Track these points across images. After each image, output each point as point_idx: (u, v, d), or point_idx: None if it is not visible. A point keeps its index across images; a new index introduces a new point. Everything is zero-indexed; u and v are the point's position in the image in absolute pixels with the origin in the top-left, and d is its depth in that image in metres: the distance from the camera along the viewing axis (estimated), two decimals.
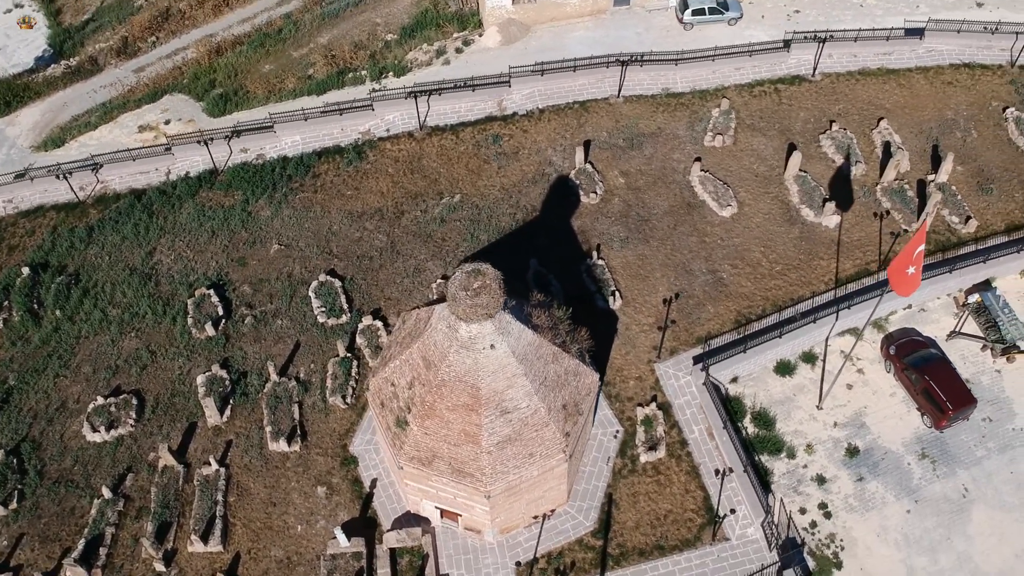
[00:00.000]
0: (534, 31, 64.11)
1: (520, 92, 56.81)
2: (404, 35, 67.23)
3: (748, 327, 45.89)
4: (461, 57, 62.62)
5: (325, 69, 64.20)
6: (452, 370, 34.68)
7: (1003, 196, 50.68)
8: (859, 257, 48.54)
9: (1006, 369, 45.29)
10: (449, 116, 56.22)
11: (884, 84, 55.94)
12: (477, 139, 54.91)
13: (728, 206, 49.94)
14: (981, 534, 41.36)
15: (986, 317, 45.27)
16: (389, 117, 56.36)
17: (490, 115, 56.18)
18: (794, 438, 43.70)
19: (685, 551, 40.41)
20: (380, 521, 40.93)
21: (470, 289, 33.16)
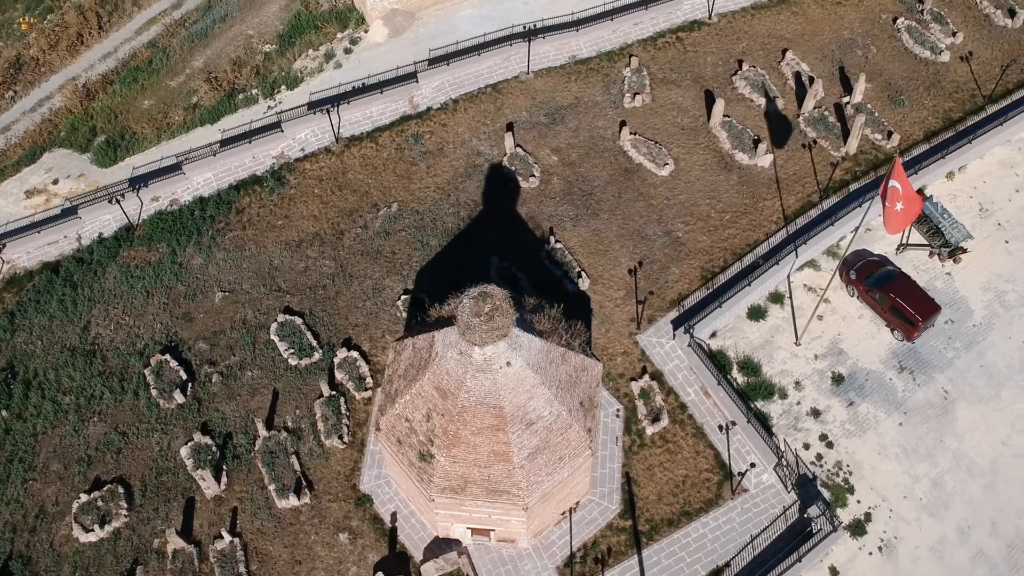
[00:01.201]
0: (420, 18, 62.68)
1: (429, 85, 55.57)
2: (283, 43, 64.68)
3: (715, 281, 46.79)
4: (352, 57, 60.71)
5: (211, 94, 61.20)
6: (472, 395, 34.17)
7: (914, 105, 52.98)
8: (800, 191, 50.03)
9: (955, 270, 47.83)
10: (362, 123, 54.57)
11: (779, 15, 57.28)
12: (397, 142, 53.57)
13: (665, 165, 50.48)
14: (968, 430, 43.92)
15: (928, 225, 47.51)
16: (301, 135, 54.28)
17: (404, 114, 54.83)
18: (782, 378, 45.09)
19: (711, 511, 41.41)
20: (411, 553, 40.32)
21: (482, 315, 32.58)
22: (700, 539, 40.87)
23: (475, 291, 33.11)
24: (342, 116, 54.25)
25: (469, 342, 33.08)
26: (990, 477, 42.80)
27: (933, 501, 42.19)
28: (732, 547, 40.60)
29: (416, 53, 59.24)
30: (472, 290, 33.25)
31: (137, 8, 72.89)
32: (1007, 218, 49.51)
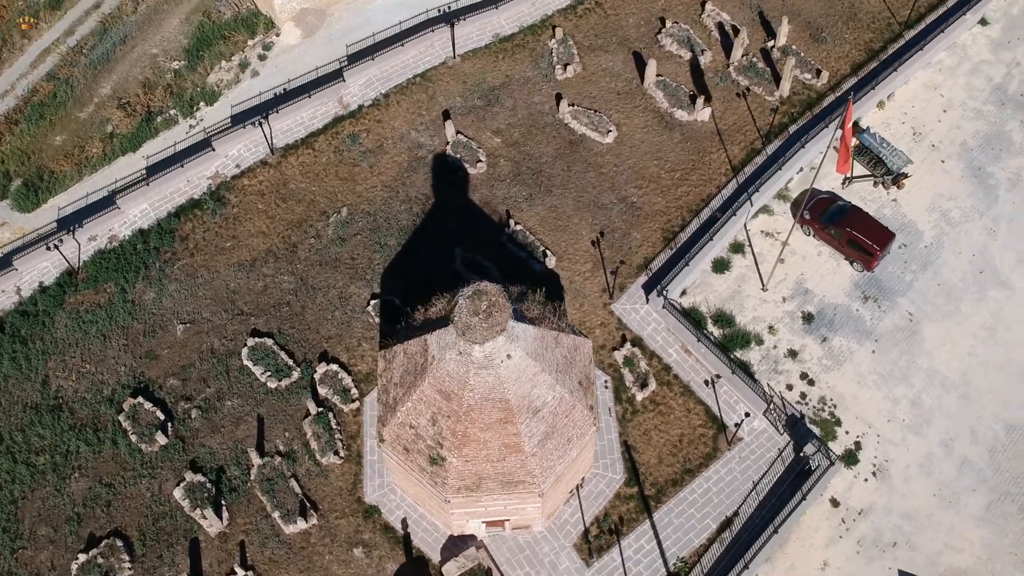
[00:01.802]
0: (331, 14, 61.35)
1: (357, 83, 54.58)
2: (191, 58, 62.56)
3: (677, 240, 47.49)
4: (268, 63, 59.16)
5: (127, 121, 58.95)
6: (476, 393, 34.13)
7: (836, 41, 54.33)
8: (742, 140, 50.99)
9: (900, 196, 49.54)
10: (295, 130, 53.35)
11: None
12: (334, 144, 52.58)
13: (609, 132, 50.78)
14: (936, 347, 45.82)
15: (868, 156, 49.00)
16: (233, 151, 52.80)
17: (337, 115, 53.77)
18: (755, 325, 46.19)
19: (711, 465, 42.42)
20: (428, 556, 40.27)
21: (480, 313, 32.47)
22: (705, 493, 41.81)
23: (469, 291, 32.95)
24: (273, 126, 52.90)
25: (469, 341, 32.93)
26: (963, 388, 44.76)
27: (915, 420, 43.95)
28: (737, 496, 41.68)
29: (333, 51, 58.04)
30: (465, 290, 33.07)
31: (27, 40, 69.46)
32: (939, 139, 51.35)
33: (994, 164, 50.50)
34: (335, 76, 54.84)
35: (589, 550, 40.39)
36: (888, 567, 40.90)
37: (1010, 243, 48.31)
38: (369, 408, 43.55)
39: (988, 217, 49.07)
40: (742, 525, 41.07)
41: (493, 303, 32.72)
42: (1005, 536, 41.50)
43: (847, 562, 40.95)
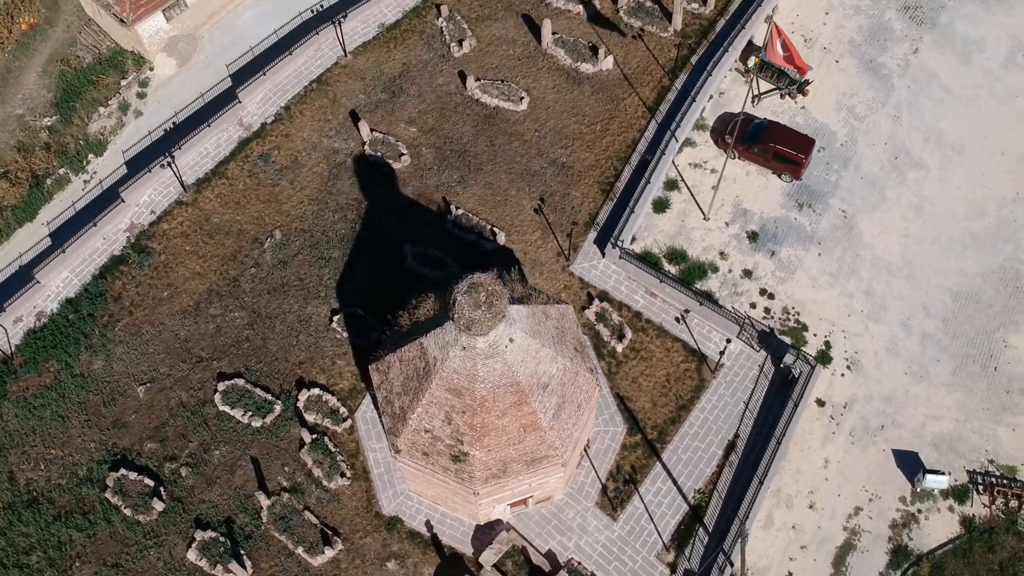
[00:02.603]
0: (202, 36, 59.22)
1: (253, 101, 53.10)
2: (63, 111, 59.46)
3: (615, 190, 48.42)
4: (149, 100, 56.85)
5: (13, 191, 55.77)
6: (487, 383, 34.38)
7: None
8: (650, 79, 52.16)
9: (807, 103, 51.73)
10: (203, 163, 51.66)
11: None
12: (247, 168, 51.16)
13: (521, 99, 51.09)
14: (873, 237, 48.43)
15: (771, 70, 50.85)
16: (144, 198, 50.80)
17: (241, 139, 52.24)
18: (707, 255, 47.75)
19: (701, 395, 44.00)
20: (461, 551, 40.51)
21: (481, 305, 32.58)
22: (704, 424, 43.35)
23: (463, 286, 32.95)
24: (178, 162, 50.95)
25: (474, 335, 33.04)
26: (906, 270, 47.53)
27: (872, 309, 46.49)
28: (733, 419, 43.38)
29: (214, 74, 56.11)
30: (460, 286, 33.05)
31: None
32: (828, 41, 53.67)
33: (883, 55, 53.18)
34: (229, 99, 53.10)
35: (612, 505, 41.40)
36: (882, 449, 43.40)
37: (914, 124, 51.18)
38: (362, 423, 43.19)
39: (890, 106, 51.76)
40: (745, 444, 42.70)
41: (491, 292, 32.85)
42: (975, 395, 44.56)
43: (845, 455, 43.24)
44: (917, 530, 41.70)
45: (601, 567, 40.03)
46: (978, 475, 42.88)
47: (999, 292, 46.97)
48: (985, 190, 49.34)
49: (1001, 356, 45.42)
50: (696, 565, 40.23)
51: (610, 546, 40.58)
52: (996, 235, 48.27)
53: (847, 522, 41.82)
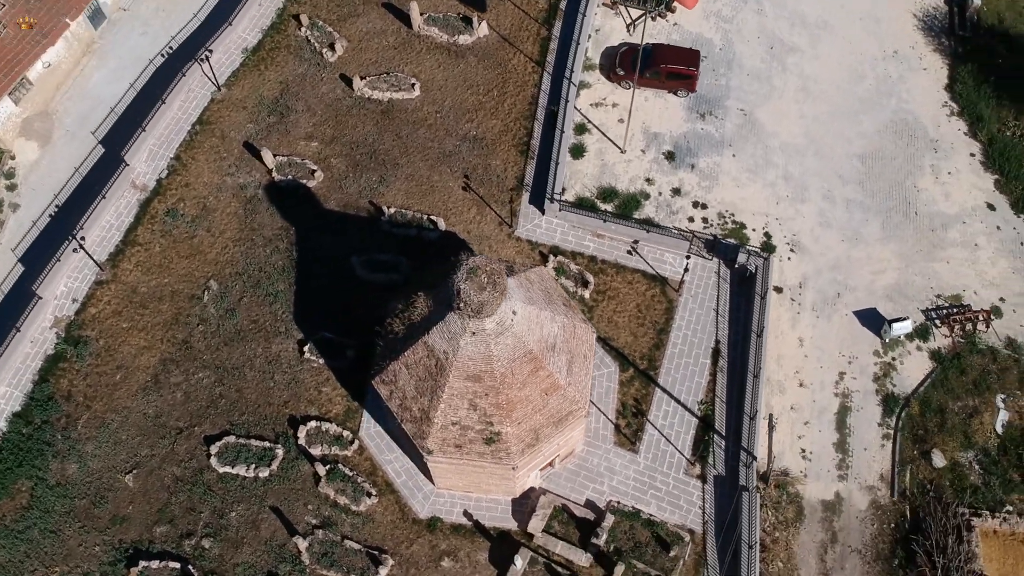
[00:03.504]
0: (56, 110, 56.34)
1: (140, 160, 51.20)
2: None
3: (532, 149, 49.39)
4: (22, 190, 53.83)
5: None
6: (503, 360, 35.05)
7: None
8: (527, 35, 53.26)
9: (677, 18, 53.90)
10: (110, 236, 49.57)
11: None
12: (158, 229, 49.44)
13: (412, 86, 51.16)
14: (775, 126, 51.35)
15: None
16: (61, 289, 48.45)
17: (141, 200, 50.35)
18: (634, 185, 49.51)
19: (675, 315, 45.91)
20: (506, 528, 41.28)
21: (486, 286, 33.04)
22: (685, 340, 45.33)
23: (462, 274, 33.24)
24: (84, 243, 48.68)
25: (484, 317, 33.56)
26: (813, 147, 50.68)
27: (795, 191, 49.41)
28: (710, 327, 45.52)
29: (81, 145, 53.48)
30: (458, 275, 33.30)
31: None
32: None
33: None
34: (113, 164, 50.88)
35: (629, 440, 42.94)
36: (844, 315, 46.50)
37: (778, 13, 54.19)
38: (369, 440, 43.12)
39: (751, 1, 54.43)
40: (728, 347, 44.93)
41: (490, 272, 33.34)
42: (906, 242, 48.21)
43: (814, 330, 46.11)
44: (897, 376, 45.02)
45: (639, 499, 41.56)
46: (932, 311, 46.54)
47: (897, 144, 50.66)
48: (857, 56, 52.83)
49: (917, 201, 49.19)
50: (722, 469, 42.26)
51: (640, 478, 42.14)
52: (879, 93, 51.89)
53: (836, 388, 44.71)
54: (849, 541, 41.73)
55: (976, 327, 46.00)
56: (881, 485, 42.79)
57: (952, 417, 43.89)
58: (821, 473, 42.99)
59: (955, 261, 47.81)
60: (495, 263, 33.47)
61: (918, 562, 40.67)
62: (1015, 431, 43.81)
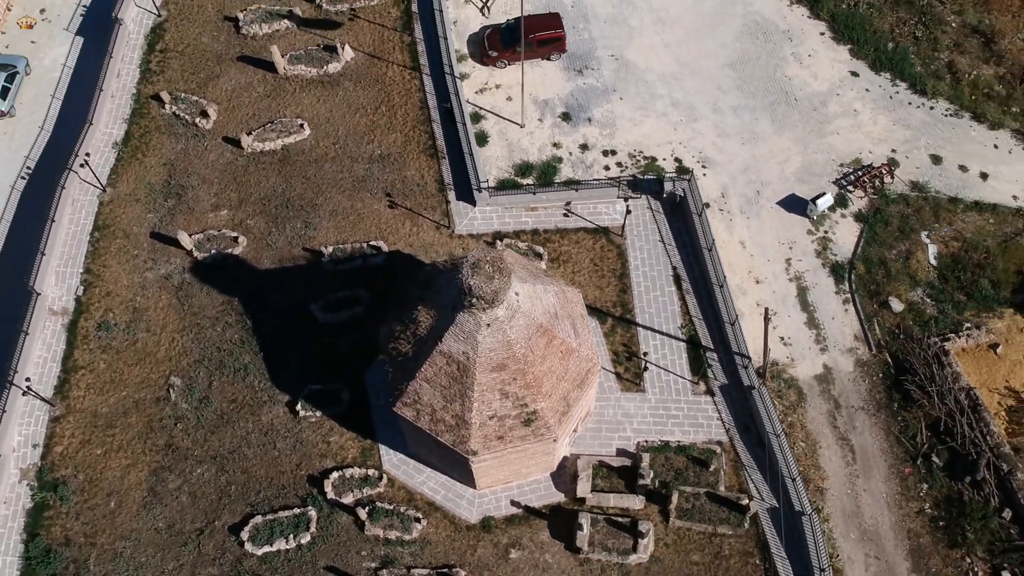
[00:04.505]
0: None
1: (50, 285, 48.99)
2: None
3: (440, 149, 50.32)
4: None
5: None
6: (520, 341, 36.11)
7: None
8: (392, 44, 54.02)
9: None
10: (48, 369, 47.21)
11: None
12: (96, 347, 47.29)
13: (301, 126, 51.03)
14: (646, 61, 54.38)
15: None
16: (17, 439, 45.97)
17: (66, 324, 48.13)
18: (543, 152, 51.36)
19: (628, 259, 48.16)
20: (555, 503, 42.43)
21: (494, 275, 33.92)
22: (645, 276, 47.74)
23: (467, 270, 33.90)
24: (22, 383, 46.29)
25: (497, 305, 34.48)
26: (686, 69, 53.93)
27: (686, 112, 52.59)
28: (663, 257, 48.00)
29: None
30: (464, 273, 33.96)
31: None
32: None
33: None
34: (25, 297, 48.42)
35: (633, 381, 44.80)
36: (770, 208, 49.96)
37: None
38: (395, 470, 43.23)
39: None
40: (685, 270, 47.47)
41: (492, 260, 34.20)
42: (797, 127, 52.19)
43: (749, 230, 49.37)
44: (834, 246, 48.79)
45: (663, 432, 43.56)
46: (842, 180, 50.59)
47: (756, 44, 54.53)
48: None
49: (792, 88, 53.19)
50: (723, 379, 44.77)
51: (656, 412, 44.14)
52: (723, 4, 55.84)
53: (788, 275, 48.04)
54: (851, 402, 45.05)
55: (883, 181, 50.27)
56: (858, 344, 46.32)
57: (893, 265, 47.94)
58: (804, 353, 46.13)
59: (843, 130, 51.98)
60: (492, 252, 34.38)
61: (915, 397, 44.32)
62: (946, 258, 48.30)
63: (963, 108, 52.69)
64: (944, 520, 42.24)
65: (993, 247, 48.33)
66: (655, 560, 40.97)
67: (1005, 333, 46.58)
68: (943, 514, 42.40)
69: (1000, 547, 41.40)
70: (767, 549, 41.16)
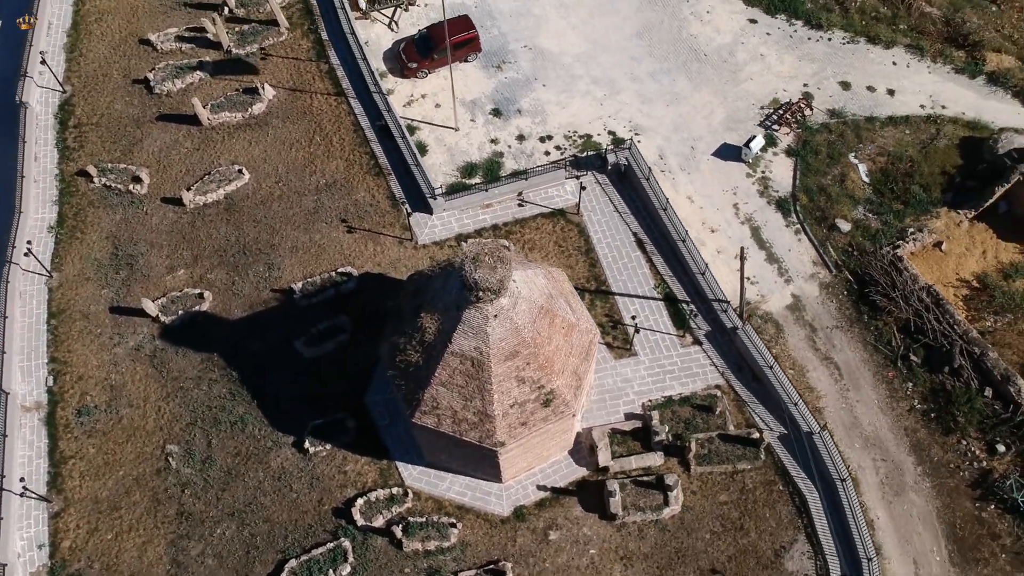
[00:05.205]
0: None
1: (17, 383, 47.47)
2: None
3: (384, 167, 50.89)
4: None
5: None
6: (526, 326, 37.05)
7: None
8: (311, 76, 54.21)
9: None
10: (37, 464, 45.48)
11: None
12: (80, 433, 46.00)
13: (239, 172, 50.83)
14: (557, 47, 56.08)
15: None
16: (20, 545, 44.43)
17: (44, 418, 46.78)
18: (483, 151, 52.41)
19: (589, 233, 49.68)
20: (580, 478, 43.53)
21: (497, 266, 34.74)
22: (610, 247, 49.35)
23: (469, 266, 34.61)
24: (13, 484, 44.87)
25: (501, 296, 35.36)
26: (597, 46, 55.95)
27: (608, 88, 54.51)
28: (622, 228, 49.62)
29: None
30: (466, 270, 34.65)
31: None
32: None
33: None
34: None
35: (624, 348, 46.30)
36: (707, 160, 52.22)
37: None
38: (417, 483, 43.54)
39: None
40: (645, 233, 49.24)
41: (491, 251, 35.01)
42: (713, 80, 54.70)
43: (693, 184, 51.50)
44: (774, 181, 51.35)
45: (664, 388, 45.15)
46: (766, 122, 53.22)
47: (656, 10, 57.03)
48: None
49: (699, 45, 55.76)
50: (706, 326, 46.65)
51: (652, 371, 45.70)
52: None
53: (738, 218, 50.33)
54: (825, 324, 47.52)
55: (803, 115, 53.10)
56: (818, 269, 48.90)
57: (831, 189, 50.74)
58: (772, 287, 48.43)
59: (756, 75, 54.68)
60: (488, 244, 35.19)
61: (881, 306, 47.06)
62: (876, 174, 51.40)
63: (857, 34, 56.00)
64: (934, 411, 44.90)
65: (915, 155, 51.58)
66: (687, 509, 42.38)
67: (945, 230, 49.75)
68: (932, 406, 45.03)
69: (989, 423, 44.27)
70: (787, 474, 43.05)
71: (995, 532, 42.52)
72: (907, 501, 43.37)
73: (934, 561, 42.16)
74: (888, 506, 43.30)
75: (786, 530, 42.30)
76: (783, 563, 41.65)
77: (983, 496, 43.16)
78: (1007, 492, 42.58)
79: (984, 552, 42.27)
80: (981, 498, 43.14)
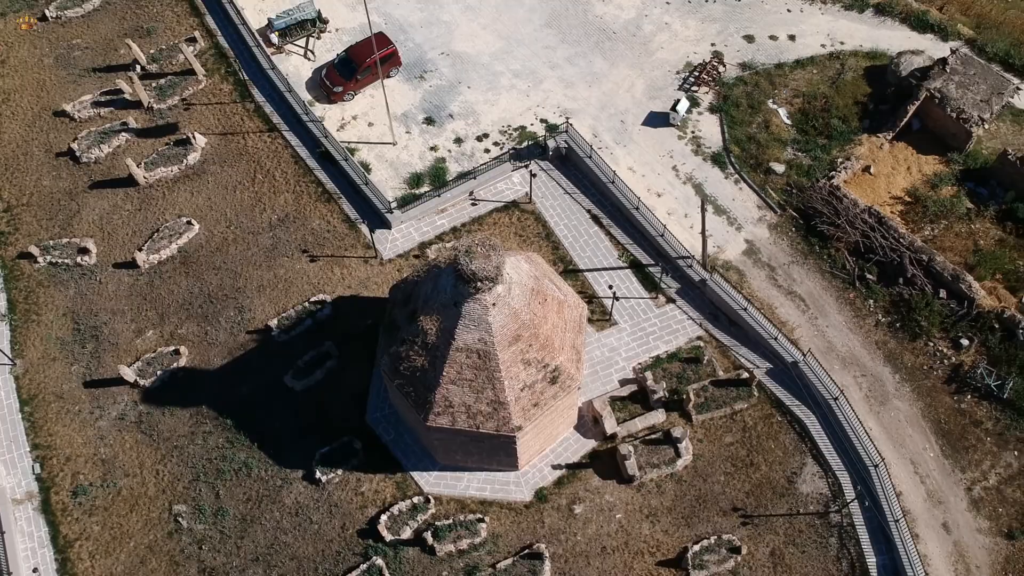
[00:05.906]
0: None
1: (3, 478, 46.23)
2: None
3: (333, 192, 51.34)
4: None
5: None
6: (524, 310, 38.11)
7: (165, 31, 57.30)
8: (240, 117, 54.10)
9: (334, 25, 57.40)
10: (44, 559, 44.65)
11: None
12: (80, 513, 45.13)
13: (188, 223, 50.51)
14: (473, 45, 57.28)
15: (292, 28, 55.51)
16: None
17: (38, 507, 45.69)
18: (425, 159, 53.19)
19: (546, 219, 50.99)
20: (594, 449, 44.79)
21: (490, 253, 35.68)
22: (570, 229, 50.72)
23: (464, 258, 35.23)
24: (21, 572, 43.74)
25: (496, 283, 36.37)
26: (511, 40, 57.44)
27: (530, 80, 55.94)
28: (573, 206, 51.22)
29: None
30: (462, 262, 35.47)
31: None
32: None
33: None
34: None
35: (604, 319, 47.85)
36: (637, 131, 54.19)
37: None
38: (435, 487, 44.06)
39: None
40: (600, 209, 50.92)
41: (482, 241, 35.90)
42: (626, 56, 56.68)
43: (631, 155, 53.38)
44: (704, 139, 53.73)
45: (651, 349, 46.85)
46: (685, 85, 55.62)
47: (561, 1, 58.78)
48: None
49: (607, 25, 58.01)
50: (676, 284, 48.56)
51: (635, 335, 47.36)
52: None
53: (680, 179, 52.52)
54: (781, 261, 49.99)
55: (718, 72, 55.67)
56: (764, 212, 51.39)
57: (759, 136, 53.41)
58: (726, 237, 50.69)
59: (665, 43, 57.11)
60: (478, 235, 36.12)
61: (829, 234, 49.79)
62: (796, 115, 54.34)
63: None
64: (898, 321, 47.75)
65: (827, 91, 54.70)
66: (697, 457, 44.07)
67: (870, 155, 52.89)
68: (895, 317, 47.89)
69: (950, 322, 47.36)
70: (782, 405, 45.23)
71: (976, 419, 45.44)
72: (893, 408, 45.95)
73: (928, 458, 44.80)
74: (877, 417, 45.81)
75: (793, 456, 44.38)
76: (797, 487, 43.70)
77: (959, 389, 46.07)
78: (979, 380, 45.57)
79: (971, 439, 45.12)
80: (957, 391, 46.03)
